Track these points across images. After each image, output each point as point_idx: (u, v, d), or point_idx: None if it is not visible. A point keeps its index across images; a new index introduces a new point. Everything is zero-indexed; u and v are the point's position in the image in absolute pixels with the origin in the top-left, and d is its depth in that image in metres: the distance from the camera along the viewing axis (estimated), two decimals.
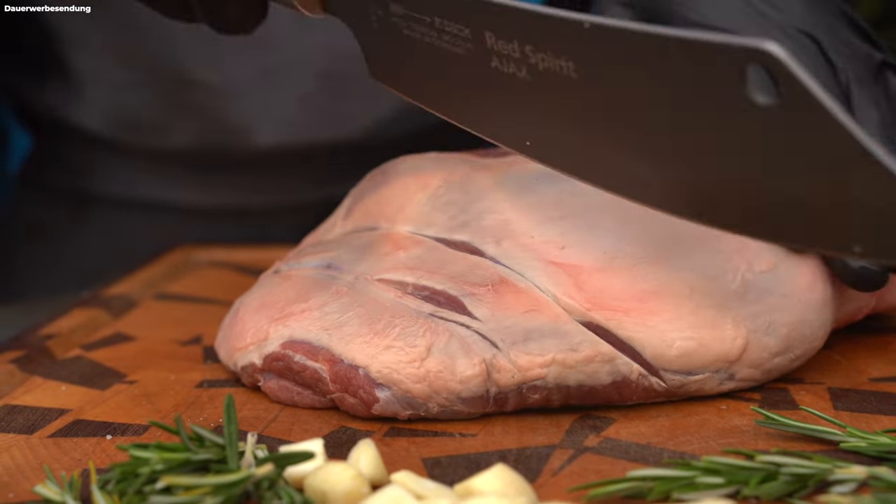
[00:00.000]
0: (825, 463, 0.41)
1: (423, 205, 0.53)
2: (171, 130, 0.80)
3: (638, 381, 0.47)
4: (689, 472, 0.40)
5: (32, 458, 0.45)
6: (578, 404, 0.48)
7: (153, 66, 0.79)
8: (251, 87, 0.79)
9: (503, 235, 0.50)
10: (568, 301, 0.48)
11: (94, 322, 0.61)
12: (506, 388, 0.47)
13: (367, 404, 0.47)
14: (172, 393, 0.51)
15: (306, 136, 0.81)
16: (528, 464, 0.43)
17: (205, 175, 0.83)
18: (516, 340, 0.47)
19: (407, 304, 0.48)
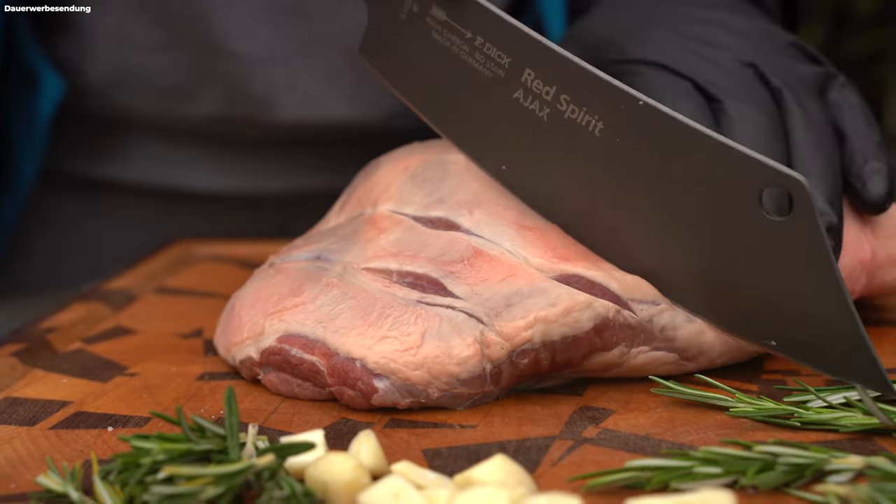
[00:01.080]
0: (822, 453, 0.41)
1: (401, 185, 0.54)
2: (194, 97, 0.79)
3: (615, 319, 0.48)
4: (687, 462, 0.41)
5: (34, 450, 0.45)
6: (565, 362, 0.49)
7: (183, 30, 0.77)
8: (280, 59, 0.78)
9: (474, 205, 0.52)
10: (539, 261, 0.50)
11: (95, 315, 0.62)
12: (498, 362, 0.48)
13: (367, 395, 0.47)
14: (173, 385, 0.52)
15: (328, 114, 0.80)
16: (528, 454, 0.44)
17: (223, 155, 0.83)
18: (499, 310, 0.48)
19: (395, 294, 0.49)
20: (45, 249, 0.86)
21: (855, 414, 0.45)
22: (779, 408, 0.46)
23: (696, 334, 0.50)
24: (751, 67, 0.55)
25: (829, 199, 0.51)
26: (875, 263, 0.55)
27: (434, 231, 0.51)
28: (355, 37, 0.79)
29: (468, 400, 0.48)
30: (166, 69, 0.78)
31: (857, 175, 0.53)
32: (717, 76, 0.54)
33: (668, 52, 0.56)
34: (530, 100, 0.48)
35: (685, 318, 0.49)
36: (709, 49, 0.56)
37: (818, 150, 0.52)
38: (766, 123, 0.53)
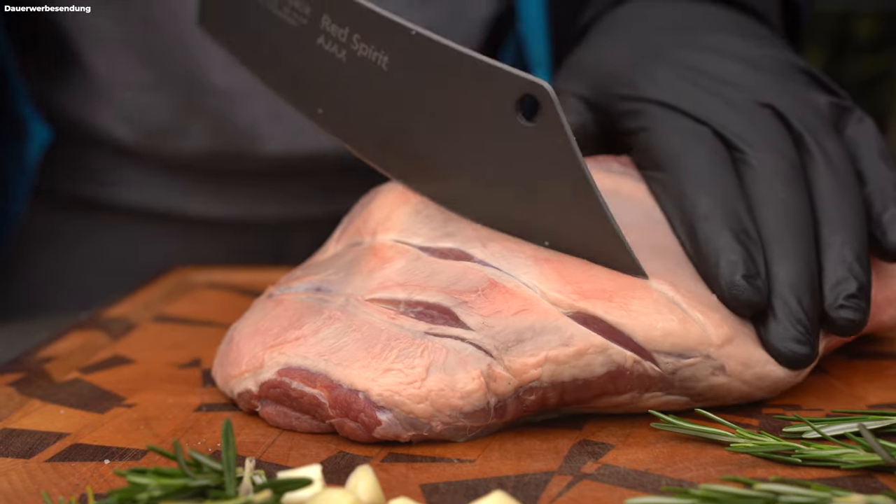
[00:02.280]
0: (824, 491, 0.41)
1: (405, 216, 0.53)
2: (184, 134, 0.79)
3: (633, 369, 0.48)
4: (688, 500, 0.40)
5: (30, 483, 0.45)
6: (574, 402, 0.48)
7: (168, 68, 0.78)
8: (263, 92, 0.78)
9: (487, 238, 0.51)
10: (556, 295, 0.49)
11: (93, 344, 0.62)
12: (504, 396, 0.47)
13: (369, 428, 0.47)
14: (171, 416, 0.51)
15: (314, 145, 0.80)
16: (527, 490, 0.43)
17: (217, 185, 0.83)
18: (509, 344, 0.47)
19: (401, 326, 0.49)
20: (39, 272, 0.86)
21: (856, 451, 0.45)
22: (779, 444, 0.46)
23: (718, 385, 0.49)
24: (768, 108, 0.54)
25: (857, 255, 0.50)
26: (874, 306, 0.54)
27: (445, 261, 0.51)
28: None
29: (470, 432, 0.48)
30: (156, 107, 0.79)
31: (877, 223, 0.52)
32: (735, 121, 0.53)
33: (681, 92, 0.54)
34: (330, 44, 0.52)
35: (710, 373, 0.49)
36: (724, 87, 0.54)
37: (844, 200, 0.52)
38: (789, 173, 0.52)
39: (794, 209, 0.51)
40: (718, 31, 0.58)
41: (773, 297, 0.49)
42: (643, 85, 0.56)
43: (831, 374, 0.56)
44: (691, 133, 0.53)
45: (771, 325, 0.49)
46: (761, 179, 0.51)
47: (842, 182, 0.52)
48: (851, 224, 0.51)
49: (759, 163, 0.52)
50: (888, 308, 0.55)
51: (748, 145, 0.52)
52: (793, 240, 0.50)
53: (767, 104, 0.54)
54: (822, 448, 0.45)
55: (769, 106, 0.54)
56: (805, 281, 0.49)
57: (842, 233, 0.51)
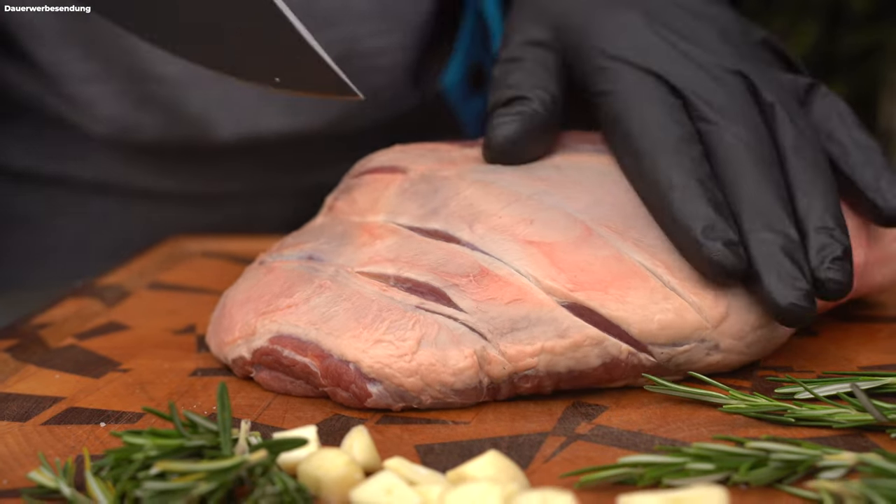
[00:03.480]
0: (814, 449, 0.41)
1: (392, 197, 0.53)
2: (135, 124, 0.79)
3: (627, 360, 0.48)
4: (680, 458, 0.41)
5: (26, 445, 0.45)
6: (569, 388, 0.49)
7: (113, 60, 0.77)
8: (211, 78, 0.77)
9: (473, 219, 0.50)
10: (550, 284, 0.48)
11: (88, 311, 0.62)
12: (498, 379, 0.47)
13: (360, 398, 0.47)
14: (166, 381, 0.52)
15: (267, 128, 0.79)
16: (521, 451, 0.44)
17: (179, 164, 0.82)
18: (503, 331, 0.47)
19: (392, 297, 0.49)
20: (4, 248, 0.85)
21: (848, 410, 0.45)
22: (771, 404, 0.46)
23: (713, 363, 0.49)
24: (739, 76, 0.53)
25: (837, 221, 0.50)
26: (869, 263, 0.55)
27: (433, 241, 0.50)
28: None
29: (461, 407, 0.48)
30: (107, 99, 0.78)
31: (874, 189, 0.53)
32: (708, 88, 0.52)
33: (653, 51, 0.53)
34: None
35: (705, 354, 0.49)
36: (695, 49, 0.53)
37: (818, 170, 0.52)
38: (761, 144, 0.51)
39: (772, 185, 0.51)
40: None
41: (762, 263, 0.49)
42: (615, 37, 0.54)
43: (823, 337, 0.56)
44: (657, 103, 0.52)
45: (768, 287, 0.48)
46: (734, 151, 0.51)
47: (814, 152, 0.52)
48: (826, 192, 0.51)
49: (733, 135, 0.51)
50: (880, 268, 0.56)
51: (720, 115, 0.52)
52: (773, 211, 0.50)
53: (738, 72, 0.53)
54: (814, 408, 0.46)
55: (740, 73, 0.53)
56: (793, 243, 0.50)
57: (820, 200, 0.51)
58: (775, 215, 0.50)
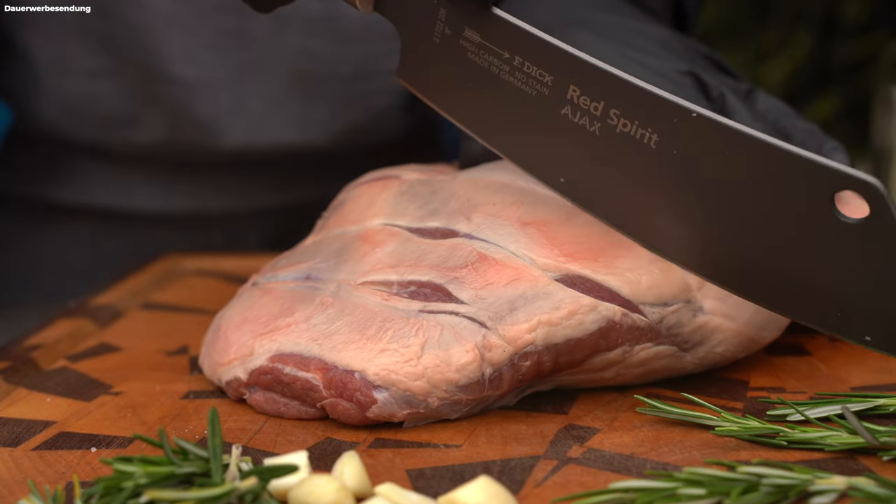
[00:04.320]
0: (806, 474, 0.41)
1: (390, 199, 0.55)
2: (138, 124, 0.78)
3: (622, 322, 0.49)
4: (671, 483, 0.40)
5: (17, 472, 0.45)
6: (567, 364, 0.49)
7: (125, 56, 0.77)
8: (224, 84, 0.78)
9: (471, 210, 0.52)
10: (544, 260, 0.50)
11: (80, 332, 0.62)
12: (499, 365, 0.48)
13: (364, 407, 0.47)
14: (158, 404, 0.51)
15: (273, 139, 0.80)
16: (512, 475, 0.44)
17: (168, 177, 0.82)
18: (502, 313, 0.48)
19: (395, 307, 0.49)
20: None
21: (840, 433, 0.45)
22: (763, 427, 0.46)
23: (700, 326, 0.50)
24: (690, 76, 0.56)
25: None
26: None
27: (433, 241, 0.52)
28: (299, 60, 0.79)
29: (466, 406, 0.48)
30: (109, 95, 0.78)
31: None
32: (662, 86, 0.54)
33: (607, 59, 0.55)
34: (579, 115, 0.49)
35: (692, 315, 0.50)
36: (645, 56, 0.56)
37: None
38: None
39: None
40: (623, 13, 0.61)
41: None
42: None
43: (815, 357, 0.56)
44: None
45: None
46: None
47: (766, 126, 0.55)
48: None
49: None
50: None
51: None
52: None
53: (687, 72, 0.56)
54: (805, 431, 0.46)
55: (688, 73, 0.56)
56: None
57: None
58: None
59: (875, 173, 1.04)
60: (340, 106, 0.80)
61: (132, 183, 0.82)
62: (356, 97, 0.80)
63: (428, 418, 0.48)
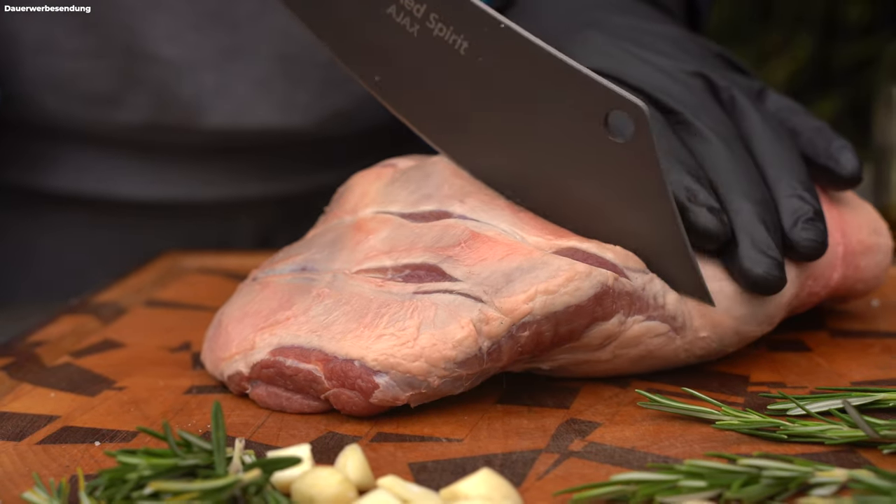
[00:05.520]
0: (806, 466, 0.41)
1: (382, 188, 0.55)
2: (121, 104, 0.78)
3: (614, 286, 0.50)
4: (672, 475, 0.41)
5: (21, 465, 0.45)
6: (567, 335, 0.49)
7: (109, 35, 0.76)
8: (208, 65, 0.77)
9: (465, 195, 0.53)
10: (535, 239, 0.51)
11: (83, 329, 0.62)
12: (497, 337, 0.48)
13: (367, 393, 0.48)
14: (161, 399, 0.52)
15: (257, 121, 0.79)
16: (514, 468, 0.44)
17: (154, 163, 0.81)
18: (498, 286, 0.49)
19: (389, 291, 0.49)
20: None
21: (840, 426, 0.45)
22: (764, 420, 0.46)
23: (677, 301, 0.51)
24: (699, 77, 0.56)
25: (806, 187, 0.53)
26: (849, 252, 0.56)
27: (426, 224, 0.52)
28: (283, 43, 0.79)
29: (467, 380, 0.48)
30: (93, 75, 0.77)
31: (827, 156, 0.55)
32: (672, 87, 0.55)
33: (617, 59, 0.57)
34: (402, 16, 0.51)
35: (663, 287, 0.51)
36: (655, 56, 0.57)
37: (783, 146, 0.54)
38: (731, 133, 0.54)
39: (742, 160, 0.53)
40: (634, 14, 0.61)
41: (739, 230, 0.51)
42: (579, 53, 0.57)
43: (815, 352, 0.56)
44: None
45: (741, 255, 0.51)
46: (706, 139, 0.54)
47: (777, 131, 0.55)
48: (793, 162, 0.54)
49: (703, 124, 0.54)
50: (861, 259, 0.57)
51: (686, 108, 0.55)
52: (748, 183, 0.53)
53: (697, 73, 0.56)
54: (806, 424, 0.46)
55: (699, 74, 0.56)
56: (769, 212, 0.52)
57: (787, 170, 0.54)
58: (750, 185, 0.52)
59: (876, 173, 1.04)
60: (324, 89, 0.79)
61: (119, 168, 0.81)
62: (340, 82, 0.79)
63: (432, 397, 0.49)
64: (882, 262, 0.58)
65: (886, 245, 0.58)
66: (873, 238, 0.58)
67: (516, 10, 0.64)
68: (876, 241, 0.58)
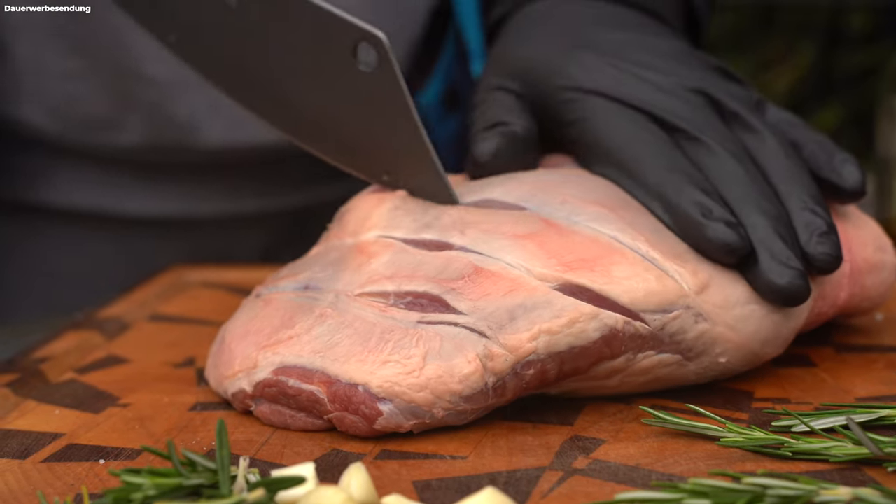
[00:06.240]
0: (811, 484, 0.41)
1: (385, 213, 0.55)
2: (119, 127, 0.78)
3: (624, 330, 0.49)
4: (677, 494, 0.41)
5: (26, 484, 0.45)
6: (572, 372, 0.49)
7: (100, 57, 0.76)
8: (199, 84, 0.78)
9: (464, 226, 0.53)
10: (541, 270, 0.50)
11: (88, 344, 0.62)
12: (502, 374, 0.48)
13: (370, 420, 0.48)
14: (165, 416, 0.52)
15: (253, 137, 0.79)
16: (518, 486, 0.44)
17: (154, 180, 0.81)
18: (502, 323, 0.48)
19: (393, 317, 0.49)
20: None
21: (845, 444, 0.45)
22: (768, 437, 0.46)
23: (702, 333, 0.51)
24: (700, 94, 0.56)
25: (817, 200, 0.53)
26: (855, 270, 0.56)
27: (429, 252, 0.52)
28: None
29: (471, 415, 0.49)
30: (87, 97, 0.77)
31: (830, 169, 0.55)
32: (673, 105, 0.55)
33: (615, 80, 0.57)
34: None
35: (693, 321, 0.50)
36: (653, 74, 0.57)
37: (791, 160, 0.55)
38: (737, 148, 0.54)
39: (752, 175, 0.53)
40: (632, 28, 0.61)
41: (758, 245, 0.51)
42: (576, 74, 0.57)
43: (820, 368, 0.56)
44: (631, 121, 0.55)
45: (763, 268, 0.51)
46: (715, 153, 0.54)
47: (784, 145, 0.55)
48: (805, 178, 0.54)
49: (710, 139, 0.54)
50: (869, 273, 0.57)
51: (691, 125, 0.55)
52: (761, 196, 0.53)
53: (698, 89, 0.56)
54: (811, 441, 0.46)
55: (700, 91, 0.56)
56: (784, 226, 0.52)
57: (798, 184, 0.54)
58: (763, 200, 0.52)
59: (879, 184, 1.04)
60: None
61: (119, 186, 0.81)
62: None
63: (435, 426, 0.48)
64: (887, 279, 0.58)
65: (891, 262, 0.58)
66: (878, 255, 0.58)
67: (507, 29, 0.64)
68: (881, 259, 0.58)
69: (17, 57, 0.77)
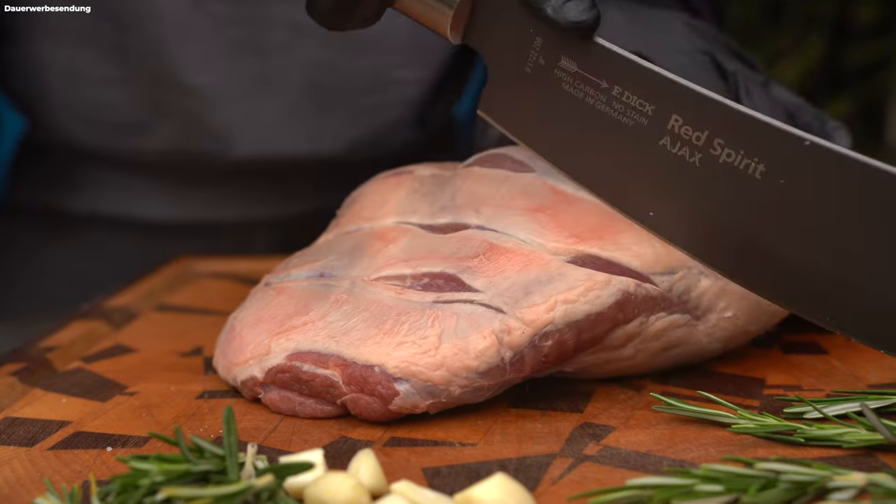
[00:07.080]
0: (824, 470, 0.41)
1: (402, 198, 0.55)
2: (150, 131, 0.79)
3: (636, 292, 0.50)
4: (689, 480, 0.40)
5: (33, 471, 0.45)
6: (590, 341, 0.49)
7: (137, 65, 0.77)
8: (237, 94, 0.78)
9: (479, 203, 0.53)
10: (554, 244, 0.51)
11: (95, 334, 0.62)
12: (520, 348, 0.48)
13: (386, 399, 0.47)
14: (173, 404, 0.51)
15: (286, 149, 0.80)
16: (528, 473, 0.44)
17: (178, 186, 0.82)
18: (518, 298, 0.49)
19: (409, 299, 0.49)
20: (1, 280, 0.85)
21: (858, 430, 0.45)
22: (781, 424, 0.46)
23: (707, 288, 0.51)
24: (707, 55, 0.58)
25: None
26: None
27: (444, 235, 0.52)
28: (312, 72, 0.79)
29: (489, 391, 0.48)
30: (120, 103, 0.78)
31: (822, 136, 0.57)
32: (679, 61, 0.57)
33: (623, 34, 0.58)
34: (679, 146, 0.47)
35: (697, 279, 0.51)
36: (667, 35, 0.58)
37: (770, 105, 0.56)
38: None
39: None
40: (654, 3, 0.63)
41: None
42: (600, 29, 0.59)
43: (832, 355, 0.56)
44: None
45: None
46: None
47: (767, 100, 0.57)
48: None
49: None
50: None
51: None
52: None
53: (704, 51, 0.58)
54: (823, 428, 0.45)
55: (706, 52, 0.58)
56: None
57: None
58: None
59: None
60: (353, 118, 0.80)
61: (144, 191, 0.82)
62: (369, 109, 0.80)
63: (452, 405, 0.48)
64: None
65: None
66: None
67: None
68: None
69: (50, 64, 0.77)
